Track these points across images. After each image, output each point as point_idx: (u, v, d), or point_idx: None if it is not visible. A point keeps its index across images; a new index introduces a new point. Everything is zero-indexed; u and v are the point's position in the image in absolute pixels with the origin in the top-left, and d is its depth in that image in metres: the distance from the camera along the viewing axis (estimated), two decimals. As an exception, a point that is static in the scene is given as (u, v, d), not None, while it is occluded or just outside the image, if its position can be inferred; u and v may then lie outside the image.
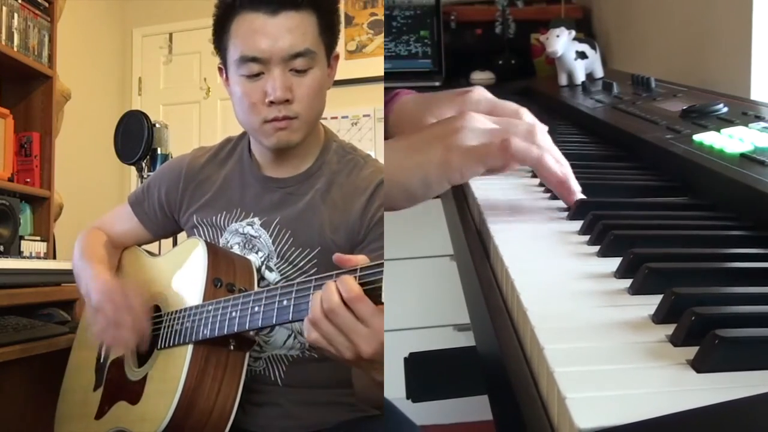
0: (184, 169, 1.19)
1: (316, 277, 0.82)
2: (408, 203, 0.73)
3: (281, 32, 0.98)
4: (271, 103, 0.99)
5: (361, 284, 0.75)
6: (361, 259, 0.78)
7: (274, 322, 0.86)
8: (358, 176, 1.06)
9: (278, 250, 1.06)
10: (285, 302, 0.84)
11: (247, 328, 0.90)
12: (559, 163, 0.73)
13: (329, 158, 1.09)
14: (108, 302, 1.05)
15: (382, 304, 0.74)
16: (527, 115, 0.80)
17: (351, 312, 0.74)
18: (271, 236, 1.07)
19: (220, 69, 1.08)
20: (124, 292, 1.05)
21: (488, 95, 0.86)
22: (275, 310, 0.86)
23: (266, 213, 1.09)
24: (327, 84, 1.07)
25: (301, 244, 1.05)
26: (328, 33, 1.04)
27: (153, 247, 1.38)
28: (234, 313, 0.91)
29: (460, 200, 0.85)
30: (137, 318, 1.03)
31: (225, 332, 0.92)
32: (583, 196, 0.73)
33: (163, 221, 1.23)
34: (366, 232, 1.02)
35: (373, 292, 0.74)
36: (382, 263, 0.74)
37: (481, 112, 0.84)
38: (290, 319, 0.84)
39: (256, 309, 0.88)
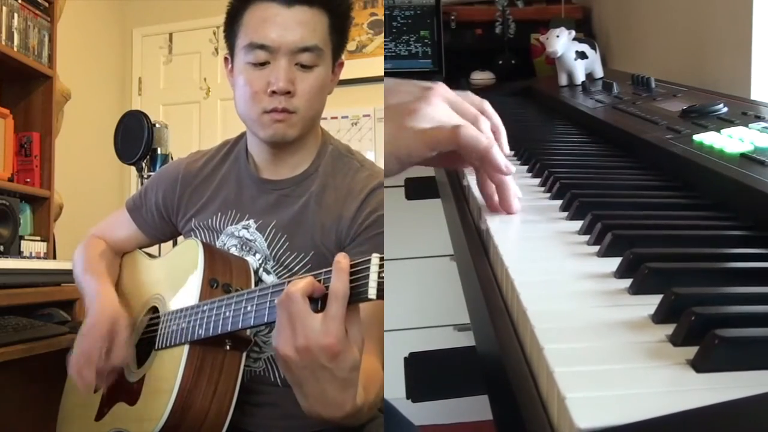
0: (180, 174, 1.19)
1: (308, 275, 0.82)
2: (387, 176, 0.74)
3: (292, 24, 0.99)
4: (273, 93, 0.99)
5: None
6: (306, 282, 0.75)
7: (266, 320, 0.86)
8: (353, 179, 1.06)
9: (274, 253, 1.06)
10: (276, 300, 0.84)
11: (240, 327, 0.90)
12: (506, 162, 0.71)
13: (325, 161, 1.09)
14: (87, 338, 1.04)
15: (371, 299, 0.71)
16: (489, 109, 0.79)
17: (310, 304, 0.72)
18: (266, 240, 1.07)
19: (226, 59, 1.08)
20: (109, 331, 1.03)
21: (448, 95, 0.82)
22: (267, 308, 0.86)
23: (262, 215, 1.09)
24: (329, 87, 1.07)
25: (296, 249, 1.05)
26: (338, 35, 1.05)
27: (153, 249, 1.38)
28: (228, 313, 0.91)
29: (460, 200, 0.85)
30: (106, 366, 1.02)
31: (219, 332, 0.92)
32: (518, 207, 0.72)
33: (161, 225, 1.23)
34: (354, 237, 1.01)
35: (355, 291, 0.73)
36: (368, 259, 0.72)
37: None
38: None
39: (249, 308, 0.88)
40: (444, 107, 0.74)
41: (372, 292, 0.70)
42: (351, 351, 0.70)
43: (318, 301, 0.73)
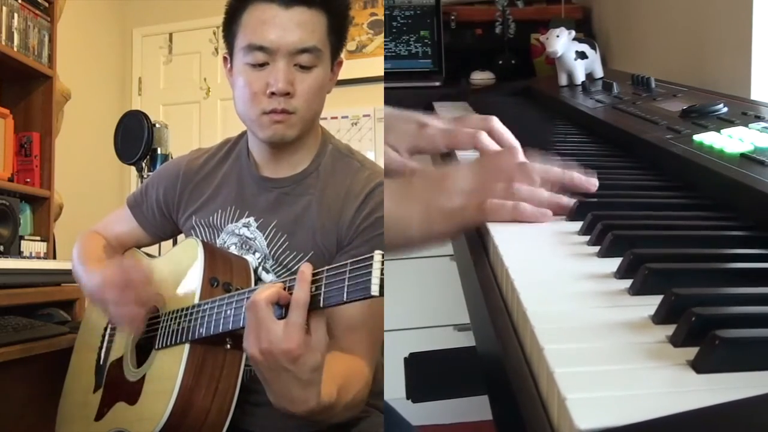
0: (182, 170, 1.19)
1: (277, 282, 0.83)
2: (391, 252, 0.75)
3: (291, 26, 0.99)
4: (272, 94, 0.99)
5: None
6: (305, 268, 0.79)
7: None
8: (353, 179, 1.06)
9: (273, 252, 1.06)
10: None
11: (241, 325, 0.90)
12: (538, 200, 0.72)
13: (325, 160, 1.09)
14: (108, 288, 1.05)
15: (374, 296, 0.74)
16: (490, 138, 0.83)
17: (277, 309, 0.78)
18: (266, 239, 1.07)
19: (225, 59, 1.08)
20: (121, 271, 1.05)
21: (443, 130, 0.87)
22: None
23: (262, 213, 1.09)
24: (328, 86, 1.07)
25: (296, 248, 1.05)
26: (336, 35, 1.05)
27: (153, 249, 1.38)
28: (229, 311, 0.91)
29: (460, 200, 0.84)
30: (139, 292, 1.03)
31: (221, 330, 0.92)
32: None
33: (161, 223, 1.23)
34: (352, 237, 1.02)
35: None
36: (371, 256, 0.74)
37: (438, 146, 0.88)
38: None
39: None
40: (467, 177, 0.74)
41: (375, 290, 0.73)
42: (312, 354, 0.77)
43: (283, 308, 0.79)
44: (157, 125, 2.27)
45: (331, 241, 1.03)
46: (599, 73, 1.69)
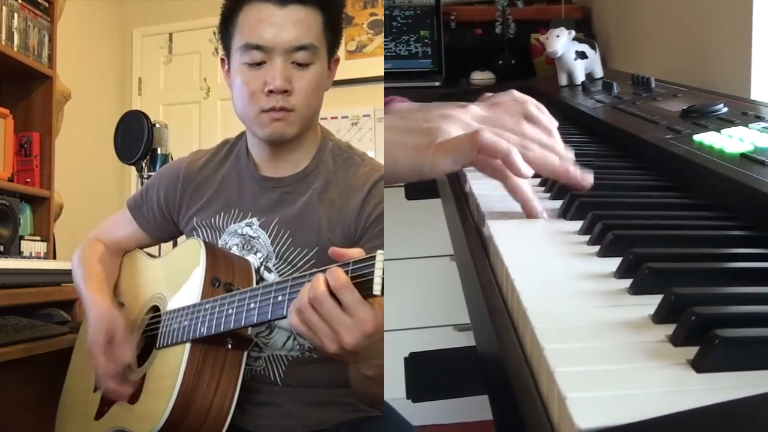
0: (182, 172, 1.19)
1: (310, 272, 0.82)
2: (389, 179, 0.74)
3: (287, 24, 1.00)
4: (270, 92, 1.00)
5: (353, 277, 0.75)
6: (355, 252, 0.79)
7: (269, 317, 0.87)
8: (354, 174, 1.06)
9: (277, 250, 1.06)
10: (280, 297, 0.85)
11: (243, 324, 0.90)
12: (528, 159, 0.70)
13: (326, 157, 1.10)
14: (94, 339, 1.07)
15: (375, 296, 0.74)
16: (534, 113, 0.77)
17: (336, 301, 0.75)
18: (269, 237, 1.07)
19: (222, 60, 1.09)
20: (107, 337, 1.06)
21: (482, 112, 0.80)
22: (270, 305, 0.86)
23: (264, 213, 1.09)
24: (326, 84, 1.07)
25: (300, 244, 1.05)
26: (332, 32, 1.06)
27: (153, 249, 1.38)
28: (231, 311, 0.91)
29: (460, 200, 0.85)
30: (115, 368, 1.05)
31: (222, 329, 0.92)
32: (539, 211, 0.72)
33: (162, 224, 1.23)
34: (363, 231, 1.02)
35: (365, 285, 0.75)
36: (374, 256, 0.75)
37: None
38: (285, 314, 0.84)
39: (252, 305, 0.88)
40: (476, 112, 0.74)
41: (377, 289, 0.74)
42: (376, 317, 0.76)
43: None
44: (157, 125, 2.27)
45: (337, 236, 1.03)
46: (599, 73, 1.69)
